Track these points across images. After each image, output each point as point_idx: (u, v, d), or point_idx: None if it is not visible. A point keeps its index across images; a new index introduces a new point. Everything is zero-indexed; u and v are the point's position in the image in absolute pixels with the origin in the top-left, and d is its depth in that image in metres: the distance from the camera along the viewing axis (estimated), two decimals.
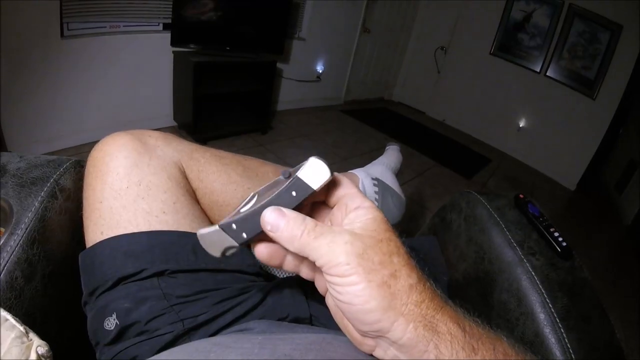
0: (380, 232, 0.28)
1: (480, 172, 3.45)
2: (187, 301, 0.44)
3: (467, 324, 0.27)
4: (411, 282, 0.26)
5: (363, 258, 0.26)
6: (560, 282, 0.59)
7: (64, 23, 1.95)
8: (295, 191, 0.29)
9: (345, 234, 0.27)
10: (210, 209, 0.58)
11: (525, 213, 0.69)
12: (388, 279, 0.26)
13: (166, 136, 0.56)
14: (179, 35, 2.39)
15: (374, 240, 0.27)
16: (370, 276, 0.25)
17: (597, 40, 3.38)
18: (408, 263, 0.27)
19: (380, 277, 0.26)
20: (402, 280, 0.26)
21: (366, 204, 0.30)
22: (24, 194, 0.51)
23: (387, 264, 0.26)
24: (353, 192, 0.32)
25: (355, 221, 0.29)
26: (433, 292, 0.27)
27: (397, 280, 0.26)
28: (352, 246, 0.26)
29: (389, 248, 0.27)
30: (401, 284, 0.26)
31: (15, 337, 0.33)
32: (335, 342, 0.34)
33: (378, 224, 0.28)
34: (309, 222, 0.28)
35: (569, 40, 3.53)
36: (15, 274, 0.45)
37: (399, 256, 0.27)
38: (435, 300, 0.27)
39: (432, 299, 0.27)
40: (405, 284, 0.26)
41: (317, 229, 0.28)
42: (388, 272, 0.26)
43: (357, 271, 0.26)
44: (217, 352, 0.33)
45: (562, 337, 0.52)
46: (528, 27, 3.77)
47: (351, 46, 4.10)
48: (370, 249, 0.26)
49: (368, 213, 0.29)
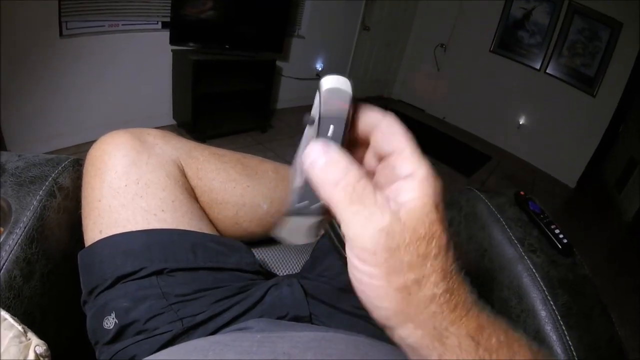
0: (426, 225, 0.23)
1: (480, 170, 3.45)
2: (186, 300, 0.44)
3: (487, 334, 0.24)
4: (436, 291, 0.23)
5: (393, 255, 0.22)
6: (561, 279, 0.58)
7: (62, 22, 1.94)
8: (330, 130, 0.25)
9: (385, 216, 0.22)
10: (209, 207, 0.58)
11: (525, 210, 0.69)
12: (411, 284, 0.22)
13: (165, 134, 0.56)
14: (178, 34, 2.38)
15: (414, 236, 0.22)
16: (392, 277, 0.22)
17: (597, 38, 3.37)
18: (443, 268, 0.23)
19: (403, 281, 0.22)
20: (426, 289, 0.23)
21: (420, 174, 0.24)
22: (22, 193, 0.50)
23: (416, 267, 0.22)
24: (405, 150, 0.26)
25: (402, 197, 0.23)
26: (458, 301, 0.23)
27: (420, 287, 0.22)
28: (386, 237, 0.22)
29: (427, 249, 0.22)
30: (423, 293, 0.23)
31: (13, 336, 0.33)
32: (335, 339, 0.34)
33: (427, 212, 0.23)
34: (352, 174, 0.23)
35: (569, 38, 3.52)
36: (13, 273, 0.45)
37: (436, 259, 0.23)
38: (457, 311, 0.23)
39: (454, 309, 0.23)
40: (428, 293, 0.23)
41: (357, 189, 0.23)
42: (413, 277, 0.22)
43: (380, 266, 0.22)
44: (215, 351, 0.32)
45: (563, 334, 0.52)
46: (528, 25, 3.76)
47: (351, 44, 4.09)
48: (405, 247, 0.22)
49: (419, 190, 0.23)
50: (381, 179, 0.27)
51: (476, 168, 3.46)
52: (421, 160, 0.25)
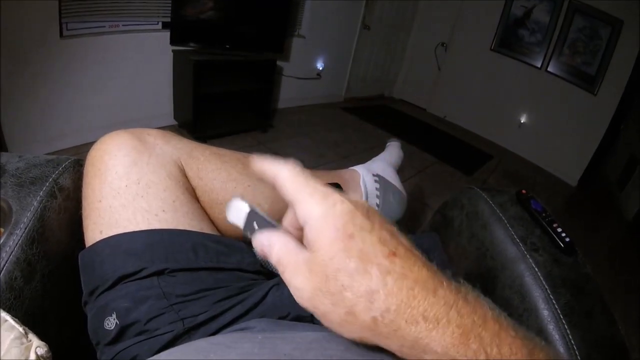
0: (327, 262, 0.24)
1: (482, 169, 3.44)
2: (187, 300, 0.44)
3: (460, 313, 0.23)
4: (373, 314, 0.23)
5: (314, 302, 0.25)
6: (563, 278, 0.58)
7: (63, 23, 1.94)
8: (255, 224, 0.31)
9: (294, 276, 0.26)
10: (210, 207, 0.57)
11: (527, 209, 0.69)
12: (346, 317, 0.24)
13: (165, 134, 0.56)
14: (179, 34, 2.38)
15: (321, 279, 0.24)
16: (328, 317, 0.25)
17: (597, 36, 3.36)
18: (367, 290, 0.23)
19: (337, 317, 0.24)
20: (363, 315, 0.24)
21: (307, 214, 0.26)
22: (23, 194, 0.50)
23: (339, 303, 0.24)
24: (293, 199, 0.28)
25: (308, 244, 0.26)
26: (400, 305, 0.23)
27: (355, 317, 0.24)
28: (299, 292, 0.26)
29: (336, 284, 0.24)
30: (362, 319, 0.24)
31: (14, 338, 0.33)
32: (336, 340, 0.34)
33: (326, 249, 0.24)
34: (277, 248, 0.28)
35: (569, 36, 3.51)
36: (14, 274, 0.45)
37: (351, 289, 0.23)
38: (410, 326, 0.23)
39: (407, 324, 0.23)
40: (367, 318, 0.23)
41: (281, 262, 0.27)
42: (343, 312, 0.24)
43: (316, 313, 0.26)
44: (217, 353, 0.32)
45: (565, 333, 0.52)
46: (528, 23, 3.75)
47: (351, 43, 4.08)
48: (319, 291, 0.25)
49: (311, 233, 0.26)
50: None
51: (477, 167, 3.46)
52: (307, 208, 0.27)
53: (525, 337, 0.24)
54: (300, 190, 0.27)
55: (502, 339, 0.23)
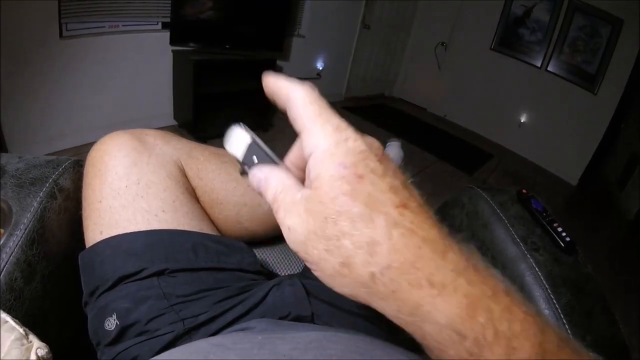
0: (328, 202, 0.21)
1: (482, 168, 3.44)
2: (187, 300, 0.44)
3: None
4: (372, 270, 0.21)
5: (306, 247, 0.22)
6: (564, 278, 0.58)
7: (62, 23, 1.94)
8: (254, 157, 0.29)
9: (289, 215, 0.23)
10: (210, 207, 0.57)
11: (528, 208, 0.69)
12: (340, 269, 0.21)
13: (165, 134, 0.56)
14: (178, 34, 2.38)
15: (319, 220, 0.22)
16: (320, 265, 0.22)
17: (597, 35, 3.36)
18: (368, 241, 0.21)
19: (331, 266, 0.22)
20: (359, 269, 0.21)
21: (313, 144, 0.23)
22: (23, 195, 0.50)
23: (334, 251, 0.21)
24: (305, 130, 0.25)
25: (310, 177, 0.23)
26: (403, 264, 0.21)
27: (350, 269, 0.21)
28: (292, 234, 0.23)
29: (335, 229, 0.21)
30: (358, 273, 0.21)
31: (15, 339, 0.33)
32: (336, 339, 0.34)
33: (329, 186, 0.22)
34: (273, 186, 0.25)
35: (569, 35, 3.51)
36: (14, 275, 0.45)
37: (351, 237, 0.21)
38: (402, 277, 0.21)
39: (405, 275, 0.21)
40: (364, 272, 0.21)
41: (279, 198, 0.25)
42: (337, 262, 0.21)
43: (306, 259, 0.23)
44: (216, 353, 0.32)
45: (566, 333, 0.52)
46: (529, 22, 3.75)
47: (351, 43, 4.08)
48: (313, 234, 0.22)
49: (315, 166, 0.23)
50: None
51: (478, 166, 3.46)
52: (315, 138, 0.23)
53: (537, 314, 0.21)
54: (311, 118, 0.24)
55: (513, 313, 0.20)
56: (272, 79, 0.27)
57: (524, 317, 0.20)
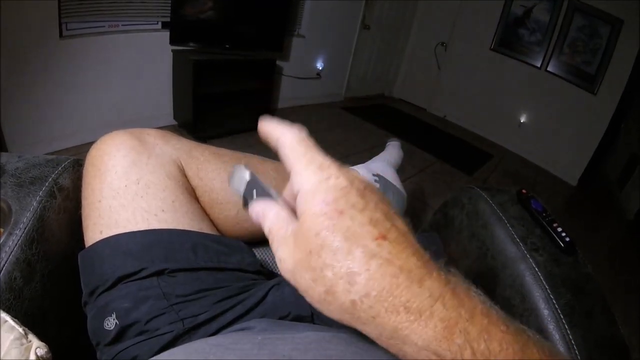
0: (312, 237, 0.23)
1: (482, 168, 3.44)
2: (187, 300, 0.44)
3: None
4: (352, 297, 0.22)
5: (295, 276, 0.25)
6: (563, 278, 0.58)
7: (62, 23, 1.94)
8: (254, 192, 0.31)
9: (280, 247, 0.26)
10: (210, 207, 0.57)
11: (528, 208, 0.69)
12: (325, 297, 0.23)
13: (164, 134, 0.56)
14: (178, 34, 2.38)
15: (305, 253, 0.24)
16: (309, 293, 0.24)
17: (597, 35, 3.36)
18: (348, 272, 0.22)
19: (317, 294, 0.24)
20: (341, 296, 0.23)
21: (299, 184, 0.25)
22: (22, 194, 0.50)
23: (319, 280, 0.23)
24: (293, 170, 0.26)
25: (298, 216, 0.25)
26: (380, 292, 0.22)
27: (334, 296, 0.23)
28: (282, 264, 0.25)
29: (319, 261, 0.23)
30: (340, 301, 0.23)
31: (14, 338, 0.33)
32: (335, 339, 0.34)
33: (312, 222, 0.23)
34: (269, 220, 0.28)
35: (569, 35, 3.51)
36: (14, 274, 0.45)
37: (332, 269, 0.22)
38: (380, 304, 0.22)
39: (388, 311, 0.22)
40: (345, 299, 0.22)
41: (271, 233, 0.27)
42: (323, 290, 0.23)
43: (297, 287, 0.25)
44: (216, 354, 0.32)
45: (566, 333, 0.52)
46: (528, 23, 3.75)
47: (351, 43, 4.08)
48: (300, 265, 0.24)
49: (301, 203, 0.25)
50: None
51: (478, 166, 3.46)
52: (301, 177, 0.25)
53: (518, 332, 0.23)
54: (298, 159, 0.26)
55: (491, 334, 0.22)
56: (264, 123, 0.30)
57: (502, 337, 0.22)
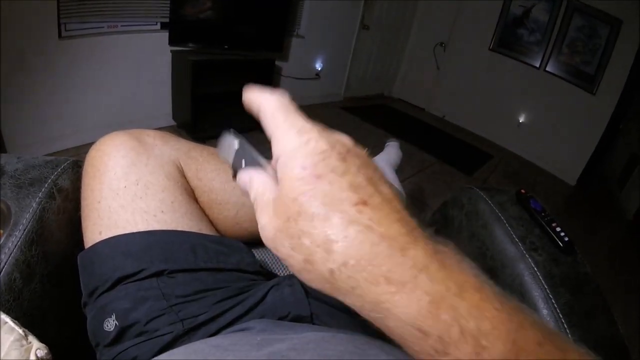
0: (290, 201, 0.22)
1: (481, 168, 3.44)
2: (186, 301, 0.44)
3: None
4: (331, 266, 0.21)
5: (275, 245, 0.24)
6: (562, 278, 0.58)
7: (61, 24, 1.94)
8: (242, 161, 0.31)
9: (262, 215, 0.25)
10: (209, 208, 0.57)
11: (527, 208, 0.69)
12: (304, 265, 0.22)
13: (164, 135, 0.56)
14: (177, 34, 2.38)
15: (283, 219, 0.23)
16: (289, 261, 0.23)
17: (596, 35, 3.36)
18: (325, 240, 0.21)
19: (297, 262, 0.23)
20: (319, 265, 0.21)
21: (280, 149, 0.24)
22: (21, 195, 0.50)
23: (297, 248, 0.22)
24: (271, 130, 0.26)
25: (279, 182, 0.24)
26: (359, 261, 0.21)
27: (312, 265, 0.22)
28: (263, 232, 0.25)
29: (296, 228, 0.22)
30: (319, 269, 0.22)
31: (14, 340, 0.33)
32: (334, 339, 0.34)
33: (290, 188, 0.22)
34: (254, 190, 0.27)
35: (568, 36, 3.52)
36: (13, 275, 0.45)
37: (310, 236, 0.21)
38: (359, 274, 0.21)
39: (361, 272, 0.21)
40: (324, 269, 0.21)
41: (258, 199, 0.26)
42: (302, 258, 0.22)
43: (278, 256, 0.24)
44: (215, 355, 0.32)
45: (565, 333, 0.52)
46: (527, 23, 3.75)
47: (350, 43, 4.08)
48: (280, 232, 0.23)
49: (280, 169, 0.24)
50: None
51: (477, 166, 3.46)
52: (281, 142, 0.25)
53: (513, 310, 0.21)
54: (277, 125, 0.26)
55: (482, 311, 0.20)
56: (247, 91, 0.29)
57: (495, 315, 0.20)
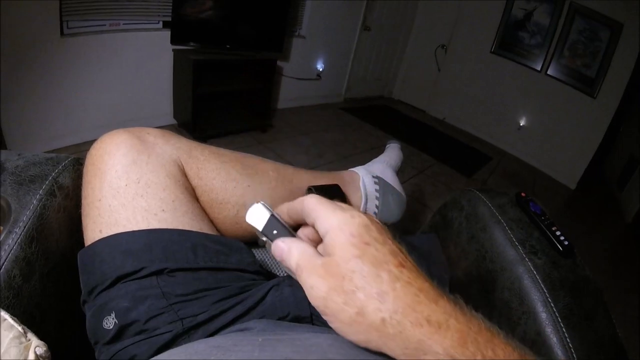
0: (343, 264, 0.28)
1: (481, 170, 3.45)
2: (186, 300, 0.44)
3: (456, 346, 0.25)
4: (382, 315, 0.26)
5: (327, 302, 0.28)
6: (562, 281, 0.58)
7: (63, 21, 1.94)
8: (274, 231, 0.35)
9: (312, 275, 0.29)
10: (210, 207, 0.57)
11: (526, 211, 0.69)
12: (356, 317, 0.27)
13: (165, 133, 0.56)
14: (179, 34, 2.38)
15: (336, 279, 0.28)
16: (339, 316, 0.27)
17: (597, 38, 3.37)
18: (378, 292, 0.27)
19: (348, 316, 0.27)
20: (371, 315, 0.26)
21: (328, 224, 0.30)
22: (22, 192, 0.50)
23: (350, 302, 0.27)
24: (317, 215, 0.32)
25: (327, 251, 0.30)
26: (418, 318, 0.26)
27: (364, 317, 0.27)
28: (313, 290, 0.28)
29: (351, 284, 0.27)
30: (371, 319, 0.26)
31: (13, 337, 0.33)
32: (337, 343, 0.34)
33: (343, 251, 0.28)
34: (292, 260, 0.31)
35: (569, 39, 3.52)
36: (13, 272, 0.44)
37: (364, 290, 0.27)
38: (423, 328, 0.26)
39: (418, 325, 0.26)
40: (376, 318, 0.26)
41: (299, 266, 0.30)
42: (353, 312, 0.27)
43: (326, 312, 0.28)
44: (216, 355, 0.32)
45: (563, 336, 0.52)
46: (529, 25, 3.76)
47: (351, 44, 4.09)
48: (333, 290, 0.27)
49: (331, 239, 0.29)
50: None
51: (477, 168, 3.46)
52: (330, 212, 0.31)
53: (517, 346, 0.27)
54: (322, 209, 0.32)
55: (495, 344, 0.26)
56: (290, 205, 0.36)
57: (504, 346, 0.26)
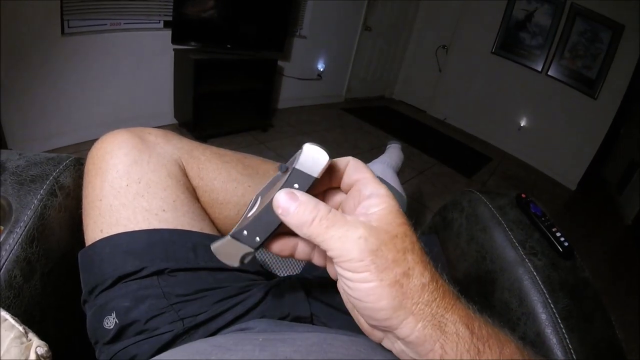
0: (395, 226, 0.27)
1: (481, 171, 3.45)
2: (186, 300, 0.44)
3: (477, 324, 0.27)
4: (424, 280, 0.26)
5: (377, 255, 0.25)
6: (561, 282, 0.58)
7: (64, 20, 1.94)
8: (297, 183, 0.28)
9: (359, 227, 0.26)
10: (211, 207, 0.57)
11: (527, 212, 0.69)
12: (400, 278, 0.25)
13: (166, 133, 0.56)
14: (180, 33, 2.38)
15: (389, 236, 0.26)
16: (382, 274, 0.25)
17: (598, 40, 3.37)
18: (422, 260, 0.27)
19: (393, 275, 0.25)
20: (415, 279, 0.26)
21: (381, 191, 0.28)
22: (23, 192, 0.50)
23: (400, 261, 0.26)
24: (367, 177, 0.30)
25: (370, 211, 0.28)
26: (445, 289, 0.27)
27: (409, 279, 0.26)
28: (365, 242, 0.25)
29: (403, 244, 0.26)
30: (413, 283, 0.26)
31: (14, 337, 0.33)
32: (336, 342, 0.34)
33: (393, 216, 0.27)
34: (322, 209, 0.27)
35: (570, 40, 3.52)
36: (14, 272, 0.45)
37: (414, 253, 0.27)
38: (447, 299, 0.26)
39: (444, 297, 0.26)
40: (418, 282, 0.26)
41: (329, 217, 0.27)
42: (401, 271, 0.26)
43: (369, 269, 0.25)
44: (217, 354, 0.32)
45: (563, 337, 0.52)
46: (530, 26, 3.75)
47: (352, 44, 4.09)
48: (384, 245, 0.26)
49: (382, 202, 0.28)
50: (349, 206, 0.31)
51: (477, 169, 3.46)
52: (380, 183, 0.30)
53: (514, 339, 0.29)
54: (370, 177, 0.30)
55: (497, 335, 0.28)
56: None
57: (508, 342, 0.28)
